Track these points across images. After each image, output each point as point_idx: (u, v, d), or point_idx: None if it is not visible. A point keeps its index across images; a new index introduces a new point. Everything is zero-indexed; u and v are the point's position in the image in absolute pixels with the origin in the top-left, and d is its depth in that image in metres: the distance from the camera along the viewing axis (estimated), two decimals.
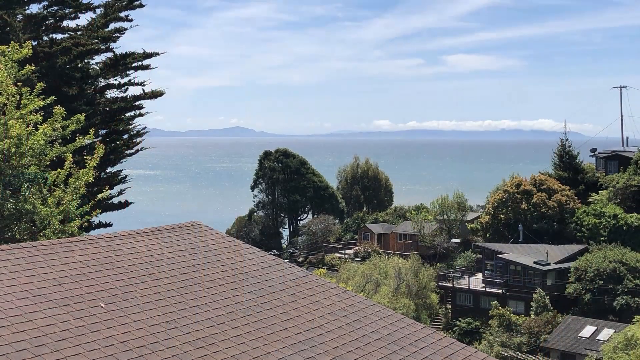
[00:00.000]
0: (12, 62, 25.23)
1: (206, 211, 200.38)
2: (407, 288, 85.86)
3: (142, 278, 14.81)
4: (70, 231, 23.18)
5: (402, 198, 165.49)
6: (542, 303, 79.17)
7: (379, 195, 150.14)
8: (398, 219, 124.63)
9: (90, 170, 25.03)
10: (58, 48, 48.43)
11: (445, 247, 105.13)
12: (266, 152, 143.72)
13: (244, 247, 18.30)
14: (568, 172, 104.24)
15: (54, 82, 45.71)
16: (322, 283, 17.19)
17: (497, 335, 76.71)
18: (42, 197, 23.29)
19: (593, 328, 71.42)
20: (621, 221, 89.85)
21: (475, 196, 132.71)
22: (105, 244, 16.23)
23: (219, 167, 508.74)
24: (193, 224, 19.05)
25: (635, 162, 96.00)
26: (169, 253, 16.57)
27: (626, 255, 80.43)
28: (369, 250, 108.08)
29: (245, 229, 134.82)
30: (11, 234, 22.43)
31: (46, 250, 15.07)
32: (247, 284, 15.80)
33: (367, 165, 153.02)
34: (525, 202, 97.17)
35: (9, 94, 23.66)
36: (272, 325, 14.02)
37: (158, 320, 13.11)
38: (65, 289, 13.48)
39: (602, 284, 78.28)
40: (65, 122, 25.44)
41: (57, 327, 12.02)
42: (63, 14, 53.04)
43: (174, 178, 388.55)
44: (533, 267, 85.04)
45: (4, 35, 44.32)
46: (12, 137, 22.40)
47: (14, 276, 13.53)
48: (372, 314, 15.90)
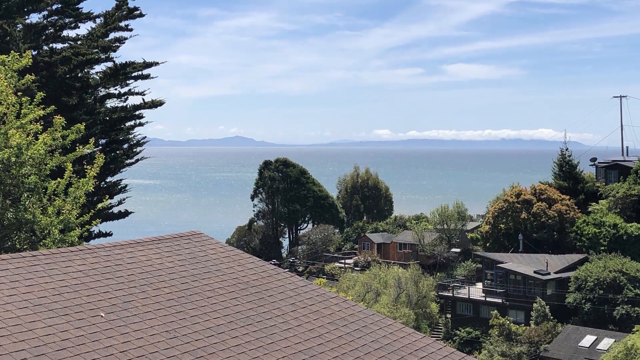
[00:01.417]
0: (12, 71, 25.23)
1: (206, 221, 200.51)
2: (407, 297, 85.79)
3: (142, 287, 14.81)
4: (70, 241, 23.16)
5: (402, 207, 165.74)
6: (542, 312, 79.12)
7: (379, 204, 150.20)
8: (398, 229, 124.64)
9: (90, 179, 25.04)
10: (58, 57, 48.49)
11: (445, 257, 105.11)
12: (266, 161, 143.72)
13: (244, 257, 18.29)
14: (568, 182, 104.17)
15: (54, 91, 45.79)
16: (322, 292, 17.18)
17: (497, 344, 76.60)
18: (42, 207, 23.28)
19: (593, 338, 71.30)
20: (621, 231, 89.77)
21: (475, 206, 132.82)
22: (105, 253, 16.23)
23: (219, 176, 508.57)
24: (193, 233, 19.05)
25: (635, 171, 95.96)
26: (169, 262, 16.56)
27: (626, 265, 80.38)
28: (369, 260, 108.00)
29: (246, 239, 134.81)
30: (11, 244, 22.42)
31: (46, 259, 15.06)
32: (247, 294, 15.79)
33: (367, 174, 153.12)
34: (525, 211, 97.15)
35: (9, 104, 23.67)
36: (272, 334, 14.02)
37: (158, 329, 13.11)
38: (65, 299, 13.47)
39: (602, 293, 78.22)
40: (65, 132, 25.44)
41: (57, 336, 12.01)
42: (63, 24, 53.13)
43: (174, 188, 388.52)
44: (533, 277, 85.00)
45: (4, 44, 44.37)
46: (12, 146, 22.39)
47: (14, 285, 13.52)
48: (372, 324, 15.89)
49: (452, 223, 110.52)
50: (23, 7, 50.19)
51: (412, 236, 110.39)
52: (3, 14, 47.58)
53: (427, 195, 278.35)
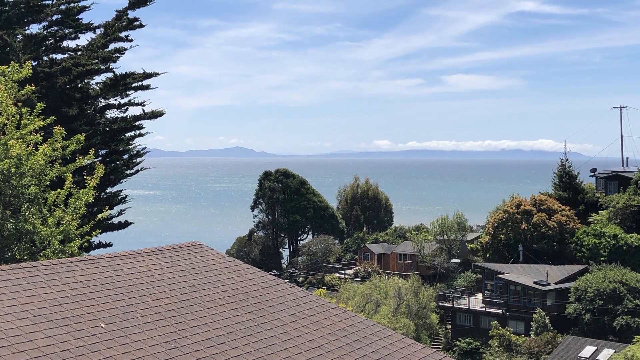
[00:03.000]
0: (12, 82, 25.26)
1: (206, 231, 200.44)
2: (407, 308, 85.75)
3: (142, 298, 14.80)
4: (70, 251, 23.16)
5: (402, 218, 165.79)
6: (542, 323, 79.07)
7: (379, 215, 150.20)
8: (398, 239, 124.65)
9: (90, 190, 25.05)
10: (58, 68, 48.48)
11: (445, 267, 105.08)
12: (266, 172, 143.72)
13: (244, 267, 18.29)
14: (568, 192, 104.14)
15: (54, 102, 45.80)
16: (322, 303, 17.18)
17: (497, 355, 76.57)
18: (42, 217, 23.28)
19: (593, 348, 71.21)
20: (621, 241, 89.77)
21: (475, 216, 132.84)
22: (105, 264, 16.23)
23: (219, 187, 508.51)
24: (193, 244, 19.05)
25: (635, 182, 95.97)
26: (169, 273, 16.56)
27: (626, 276, 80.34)
28: (369, 271, 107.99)
29: (245, 249, 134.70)
30: (11, 254, 22.41)
31: (46, 270, 15.07)
32: (247, 304, 15.79)
33: (367, 185, 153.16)
34: (525, 222, 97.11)
35: (9, 114, 23.70)
36: (272, 345, 14.01)
37: (158, 340, 13.10)
38: (65, 309, 13.47)
39: (602, 304, 78.17)
40: (65, 142, 25.45)
41: (57, 347, 12.01)
42: (63, 34, 53.15)
43: (174, 198, 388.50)
44: (533, 287, 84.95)
45: (4, 55, 44.39)
46: (12, 157, 22.40)
47: (14, 296, 13.52)
48: (372, 334, 15.89)
49: (452, 234, 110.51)
50: (23, 17, 50.25)
51: (412, 247, 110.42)
52: (3, 25, 47.64)
53: (427, 205, 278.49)
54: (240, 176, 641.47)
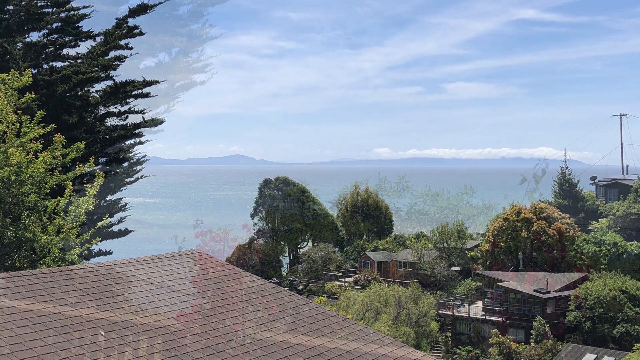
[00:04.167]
0: (12, 90, 25.25)
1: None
2: (407, 316, 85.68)
3: (142, 306, 14.80)
4: (70, 259, 23.14)
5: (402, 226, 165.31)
6: (542, 331, 79.03)
7: (379, 223, 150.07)
8: (398, 247, 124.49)
9: (90, 198, 25.03)
10: (58, 76, 48.49)
11: (445, 275, 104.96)
12: (266, 180, 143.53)
13: (244, 275, 18.29)
14: (568, 200, 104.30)
15: (54, 109, 45.80)
16: (322, 311, 17.17)
17: None
18: (42, 225, 23.27)
19: (593, 356, 71.18)
20: (621, 249, 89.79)
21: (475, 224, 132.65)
22: (105, 271, 16.22)
23: (219, 195, 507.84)
24: (193, 252, 19.05)
25: (635, 190, 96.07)
26: (169, 281, 16.55)
27: (626, 283, 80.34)
28: (369, 278, 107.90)
29: (245, 257, 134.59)
30: (11, 262, 22.39)
31: (46, 278, 15.06)
32: (247, 312, 15.78)
33: (367, 193, 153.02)
34: (525, 230, 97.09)
35: (9, 122, 23.68)
36: (272, 353, 14.00)
37: (158, 348, 13.09)
38: (65, 317, 13.46)
39: (602, 312, 78.16)
40: (65, 150, 25.45)
41: (57, 355, 11.99)
42: (63, 42, 53.16)
43: (174, 206, 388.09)
44: (533, 295, 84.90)
45: (4, 63, 44.42)
46: (12, 165, 22.39)
47: (14, 304, 13.51)
48: (372, 342, 15.87)
49: (452, 241, 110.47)
50: (23, 25, 50.26)
51: (412, 255, 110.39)
52: (3, 33, 47.66)
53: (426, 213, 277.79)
54: (240, 184, 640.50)
